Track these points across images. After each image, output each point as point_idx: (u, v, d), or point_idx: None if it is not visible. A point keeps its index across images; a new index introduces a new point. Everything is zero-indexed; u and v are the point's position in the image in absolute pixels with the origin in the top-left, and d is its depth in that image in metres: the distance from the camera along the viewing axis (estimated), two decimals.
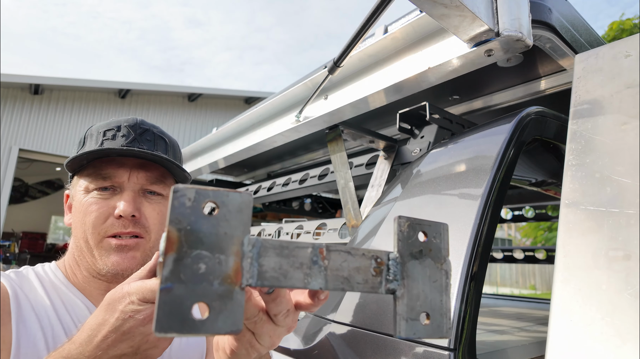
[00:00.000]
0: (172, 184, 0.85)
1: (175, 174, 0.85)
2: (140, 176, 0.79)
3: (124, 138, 0.79)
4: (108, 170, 0.77)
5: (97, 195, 0.77)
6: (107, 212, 0.76)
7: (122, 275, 0.76)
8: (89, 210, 0.76)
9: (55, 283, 0.78)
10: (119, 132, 0.80)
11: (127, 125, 0.81)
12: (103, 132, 0.80)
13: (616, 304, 0.51)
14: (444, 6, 0.66)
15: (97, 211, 0.75)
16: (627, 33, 8.66)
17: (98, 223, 0.75)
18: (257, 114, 1.45)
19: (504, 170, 0.77)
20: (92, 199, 0.76)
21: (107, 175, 0.77)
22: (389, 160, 1.17)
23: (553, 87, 1.06)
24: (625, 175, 0.58)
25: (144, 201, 0.80)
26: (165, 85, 9.78)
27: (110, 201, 0.77)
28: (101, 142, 0.79)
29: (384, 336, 0.70)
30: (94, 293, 0.79)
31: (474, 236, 0.69)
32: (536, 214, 2.34)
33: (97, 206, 0.76)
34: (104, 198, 0.77)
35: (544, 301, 2.29)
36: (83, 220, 0.76)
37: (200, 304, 0.29)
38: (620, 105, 0.64)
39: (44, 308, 0.73)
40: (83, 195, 0.77)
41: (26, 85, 8.20)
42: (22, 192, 10.41)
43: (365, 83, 1.03)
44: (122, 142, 0.79)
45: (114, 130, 0.80)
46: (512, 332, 1.30)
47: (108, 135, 0.80)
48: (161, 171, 0.82)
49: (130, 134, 0.80)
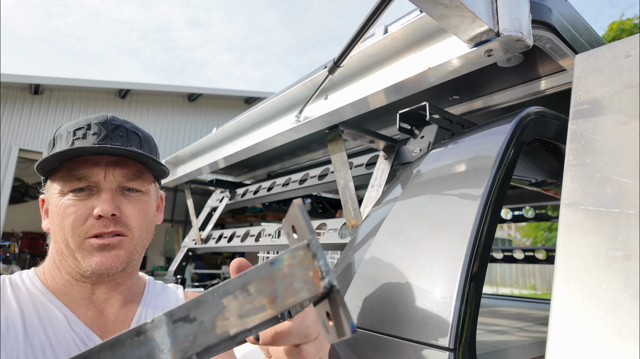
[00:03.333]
0: (150, 179, 0.83)
1: (152, 169, 0.82)
2: (116, 173, 0.76)
3: (96, 136, 0.76)
4: (82, 171, 0.74)
5: (73, 197, 0.74)
6: (86, 213, 0.73)
7: (107, 274, 0.74)
8: (67, 212, 0.73)
9: (32, 292, 0.75)
10: (90, 130, 0.77)
11: (98, 122, 0.78)
12: (73, 132, 0.77)
13: (616, 305, 0.51)
14: (444, 6, 0.66)
15: (75, 214, 0.73)
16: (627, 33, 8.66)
17: (77, 225, 0.72)
18: (257, 114, 1.45)
19: (504, 170, 0.77)
20: (69, 201, 0.73)
21: (81, 175, 0.74)
22: (389, 160, 1.17)
23: (553, 87, 1.06)
24: (626, 175, 0.58)
25: (122, 199, 0.77)
26: (165, 85, 9.78)
27: (88, 202, 0.74)
28: (72, 142, 0.75)
29: (384, 336, 0.70)
30: (76, 298, 0.77)
31: (474, 236, 0.69)
32: (536, 214, 2.34)
33: (75, 209, 0.73)
34: (80, 200, 0.74)
35: (544, 302, 2.29)
36: (61, 224, 0.73)
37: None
38: (620, 105, 0.64)
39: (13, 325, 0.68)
40: (58, 198, 0.74)
41: (26, 85, 8.20)
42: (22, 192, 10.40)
43: (365, 84, 1.03)
44: (93, 140, 0.75)
45: (84, 128, 0.77)
46: (512, 332, 1.30)
47: (78, 134, 0.76)
48: (138, 167, 0.79)
49: (101, 131, 0.77)
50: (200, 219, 2.20)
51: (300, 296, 0.32)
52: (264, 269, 0.32)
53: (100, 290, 0.79)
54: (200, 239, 2.05)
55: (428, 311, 0.67)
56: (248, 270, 0.32)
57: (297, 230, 0.35)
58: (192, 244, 2.12)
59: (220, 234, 1.94)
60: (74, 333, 0.72)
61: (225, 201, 2.17)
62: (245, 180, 2.50)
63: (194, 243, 2.11)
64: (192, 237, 2.16)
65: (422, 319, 0.67)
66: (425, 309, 0.67)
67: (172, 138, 9.71)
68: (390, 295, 0.74)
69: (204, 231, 2.10)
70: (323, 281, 0.32)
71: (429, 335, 0.64)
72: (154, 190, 0.86)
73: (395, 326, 0.69)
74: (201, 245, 2.03)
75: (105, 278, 0.76)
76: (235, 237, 1.78)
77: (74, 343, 0.71)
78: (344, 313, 0.31)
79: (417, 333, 0.66)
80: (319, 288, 0.32)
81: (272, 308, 0.31)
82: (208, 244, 1.99)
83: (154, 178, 0.86)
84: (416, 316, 0.68)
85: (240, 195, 2.10)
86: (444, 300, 0.66)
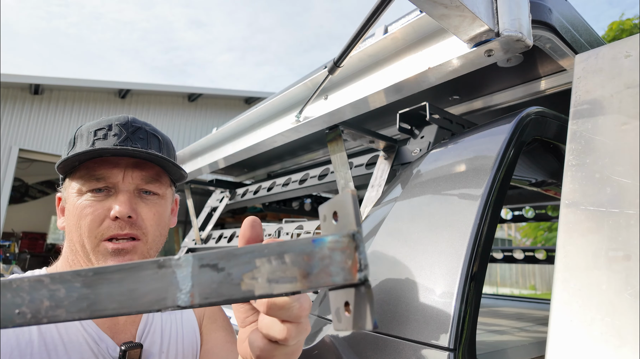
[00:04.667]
0: (167, 183, 0.83)
1: (170, 172, 0.83)
2: (135, 175, 0.77)
3: (116, 137, 0.77)
4: (101, 171, 0.74)
5: (91, 197, 0.74)
6: (103, 214, 0.73)
7: None
8: (84, 213, 0.73)
9: None
10: (111, 131, 0.77)
11: (119, 123, 0.78)
12: (94, 132, 0.77)
13: (616, 305, 0.51)
14: (444, 6, 0.66)
15: (92, 214, 0.73)
16: (627, 33, 8.66)
17: (94, 227, 0.72)
18: (257, 114, 1.45)
19: (504, 170, 0.77)
20: (86, 202, 0.74)
21: (100, 176, 0.74)
22: (389, 160, 1.17)
23: (553, 87, 1.06)
24: (626, 175, 0.58)
25: (139, 201, 0.77)
26: (165, 85, 9.78)
27: (105, 203, 0.74)
28: (92, 142, 0.76)
29: (384, 336, 0.70)
30: None
31: (474, 236, 0.69)
32: (536, 214, 2.34)
33: (92, 209, 0.73)
34: (98, 200, 0.74)
35: (544, 302, 2.29)
36: (78, 224, 0.73)
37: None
38: (620, 106, 0.64)
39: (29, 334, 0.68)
40: (76, 197, 0.75)
41: (26, 85, 8.20)
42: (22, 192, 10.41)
43: (365, 84, 1.03)
44: (114, 141, 0.76)
45: (105, 129, 0.77)
46: (512, 332, 1.30)
47: (99, 134, 0.77)
48: (156, 170, 0.80)
49: (122, 133, 0.77)
50: (200, 219, 2.20)
51: (333, 279, 0.32)
52: (304, 244, 0.32)
53: None
54: (200, 239, 2.05)
55: (428, 311, 0.67)
56: (287, 240, 0.33)
57: (341, 217, 0.35)
58: (192, 244, 2.12)
59: (220, 234, 1.94)
60: (86, 333, 0.72)
61: (225, 201, 2.17)
62: (245, 180, 2.50)
63: (193, 243, 2.11)
64: (192, 237, 2.16)
65: (422, 319, 0.67)
66: (425, 309, 0.67)
67: (172, 138, 9.70)
68: (390, 294, 0.74)
69: (204, 231, 2.10)
70: (360, 273, 0.32)
71: (429, 335, 0.64)
72: (170, 193, 0.86)
73: (395, 326, 0.69)
74: (201, 245, 2.03)
75: None
76: (235, 237, 1.78)
77: (86, 343, 0.71)
78: (371, 308, 0.32)
79: (417, 333, 0.66)
80: (354, 278, 0.32)
81: (303, 282, 0.32)
82: (208, 244, 1.99)
83: (171, 182, 0.86)
84: (416, 316, 0.68)
85: (240, 195, 2.10)
86: (444, 300, 0.66)
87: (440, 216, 0.77)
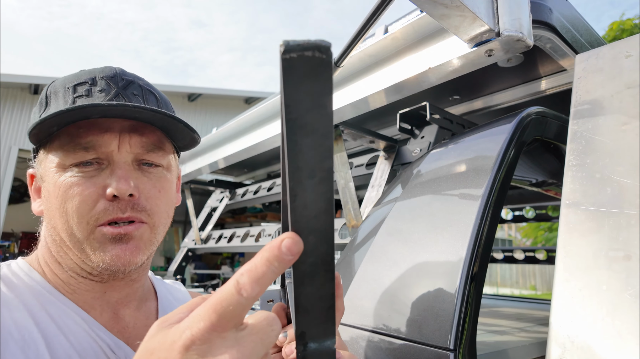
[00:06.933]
0: (171, 150, 0.66)
1: (176, 138, 0.66)
2: (133, 143, 0.60)
3: (104, 93, 0.59)
4: (89, 138, 0.57)
5: (78, 172, 0.57)
6: (95, 194, 0.56)
7: (122, 271, 0.59)
8: (70, 193, 0.56)
9: (34, 289, 0.57)
10: (95, 86, 0.59)
11: (105, 76, 0.61)
12: (73, 87, 0.59)
13: (616, 305, 0.51)
14: (444, 6, 0.66)
15: (81, 195, 0.56)
16: (628, 33, 8.65)
17: (85, 210, 0.56)
18: (257, 114, 1.45)
19: (504, 171, 0.77)
20: (72, 179, 0.57)
21: (88, 144, 0.57)
22: (389, 160, 1.17)
23: (553, 87, 1.06)
24: (626, 175, 0.58)
25: (140, 175, 0.61)
26: (165, 85, 9.78)
27: (98, 179, 0.57)
28: (73, 100, 0.58)
29: (384, 336, 0.70)
30: (87, 298, 0.61)
31: (474, 236, 0.69)
32: (536, 214, 2.34)
33: (81, 188, 0.56)
34: (87, 176, 0.57)
35: (544, 302, 2.29)
36: (63, 208, 0.57)
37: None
38: (621, 106, 0.64)
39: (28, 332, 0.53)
40: (57, 174, 0.57)
41: (26, 85, 8.20)
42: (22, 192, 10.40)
43: (365, 84, 1.03)
44: (101, 98, 0.58)
45: (88, 83, 0.59)
46: (513, 332, 1.30)
47: (80, 90, 0.59)
48: (158, 135, 0.63)
49: (110, 88, 0.60)
50: (200, 219, 2.20)
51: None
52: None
53: (112, 288, 0.64)
54: (200, 239, 2.05)
55: (428, 312, 0.67)
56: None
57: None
58: (192, 244, 2.12)
59: (220, 234, 1.93)
60: (100, 339, 0.58)
61: (225, 202, 2.17)
62: (245, 180, 2.50)
63: (193, 243, 2.11)
64: (192, 237, 2.16)
65: (423, 320, 0.66)
66: (426, 309, 0.67)
67: None
68: (390, 295, 0.74)
69: (203, 232, 2.10)
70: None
71: (429, 335, 0.64)
72: (175, 164, 0.69)
73: (396, 326, 0.69)
74: (201, 245, 2.03)
75: (120, 275, 0.61)
76: (235, 237, 1.78)
77: (102, 352, 0.58)
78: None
79: (418, 333, 0.66)
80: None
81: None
82: (208, 244, 1.99)
83: (174, 149, 0.69)
84: (416, 317, 0.68)
85: (240, 195, 2.10)
86: (445, 300, 0.66)
87: (440, 217, 0.77)
